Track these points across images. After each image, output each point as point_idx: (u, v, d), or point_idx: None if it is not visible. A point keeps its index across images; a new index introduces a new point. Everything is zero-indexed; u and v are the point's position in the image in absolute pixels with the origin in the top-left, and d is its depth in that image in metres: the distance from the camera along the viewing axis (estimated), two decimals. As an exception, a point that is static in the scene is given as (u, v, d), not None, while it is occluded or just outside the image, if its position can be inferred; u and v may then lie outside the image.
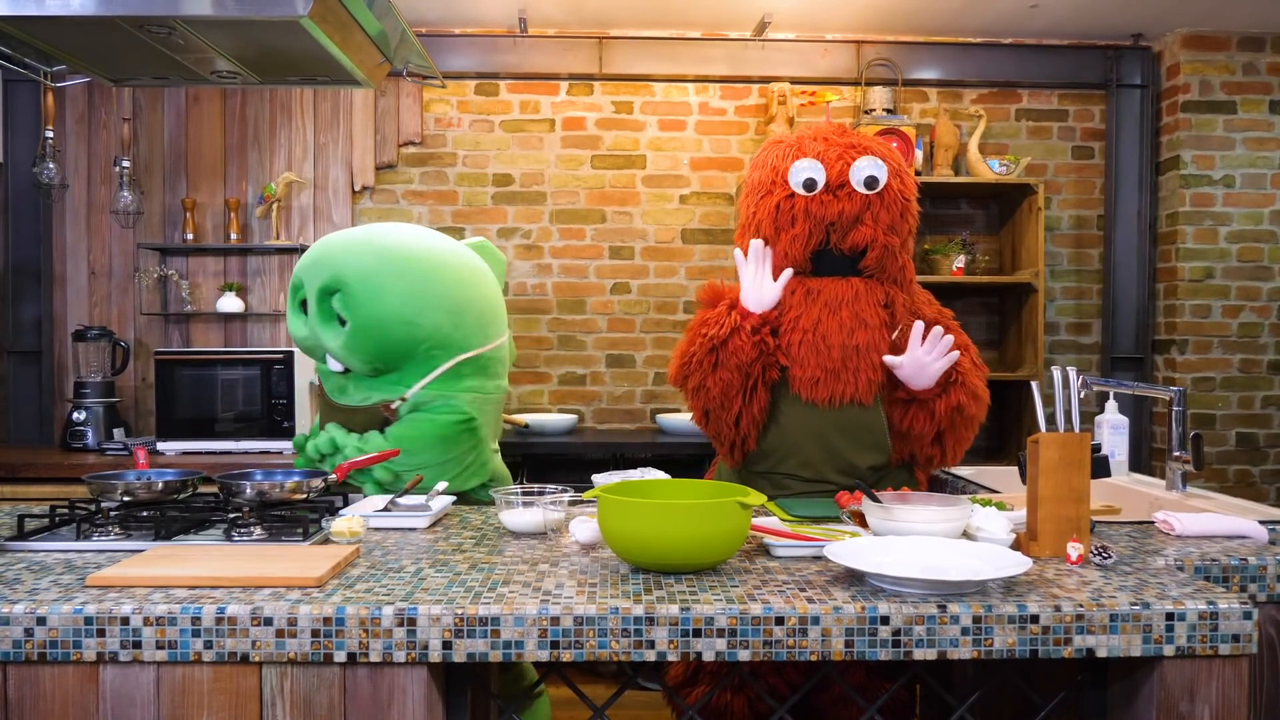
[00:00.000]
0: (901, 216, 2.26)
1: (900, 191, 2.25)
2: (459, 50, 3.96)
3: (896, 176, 2.26)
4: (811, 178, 2.19)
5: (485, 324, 2.44)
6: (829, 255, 2.24)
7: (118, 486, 1.78)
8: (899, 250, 2.26)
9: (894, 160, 2.27)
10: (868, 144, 2.27)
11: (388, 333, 2.28)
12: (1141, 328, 4.08)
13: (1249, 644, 1.31)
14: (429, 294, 2.34)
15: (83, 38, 2.06)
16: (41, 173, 3.54)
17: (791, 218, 2.22)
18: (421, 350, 2.33)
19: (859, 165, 2.20)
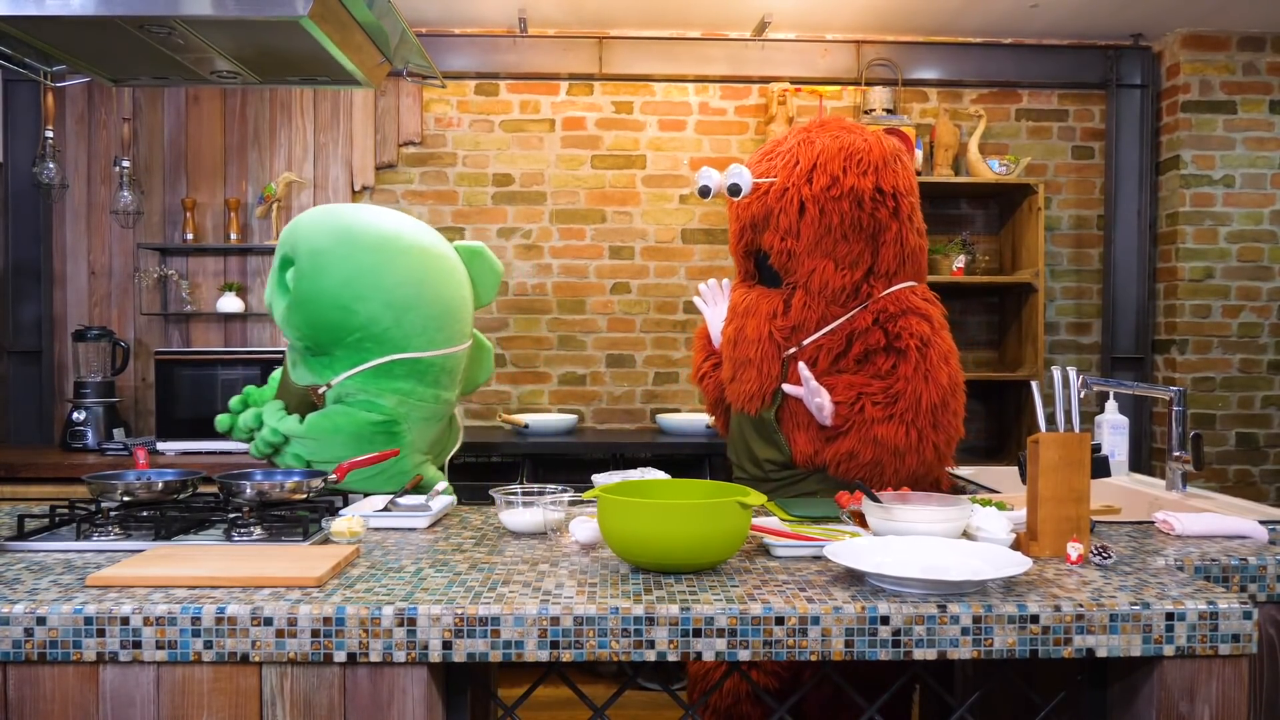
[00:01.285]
0: (805, 218, 2.16)
1: (801, 193, 2.16)
2: (459, 50, 3.96)
3: (804, 179, 2.16)
4: (705, 186, 2.22)
5: (434, 328, 2.31)
6: (759, 259, 2.31)
7: (118, 486, 1.78)
8: (805, 254, 2.17)
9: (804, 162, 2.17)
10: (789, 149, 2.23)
11: (320, 313, 2.22)
12: (1141, 328, 4.09)
13: (1249, 644, 1.31)
14: (373, 283, 2.23)
15: (83, 38, 2.06)
16: (41, 173, 3.54)
17: (731, 217, 2.35)
18: (352, 339, 2.24)
19: (728, 173, 2.19)
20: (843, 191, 2.14)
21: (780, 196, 2.17)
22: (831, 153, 2.17)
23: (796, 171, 2.17)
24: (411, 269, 2.29)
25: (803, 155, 2.18)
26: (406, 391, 2.29)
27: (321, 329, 2.24)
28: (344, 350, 2.26)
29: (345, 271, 2.22)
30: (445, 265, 2.39)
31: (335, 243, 2.25)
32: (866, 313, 2.19)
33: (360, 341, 2.24)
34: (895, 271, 2.22)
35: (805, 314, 2.20)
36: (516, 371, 4.06)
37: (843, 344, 2.19)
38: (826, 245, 2.15)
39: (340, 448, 2.22)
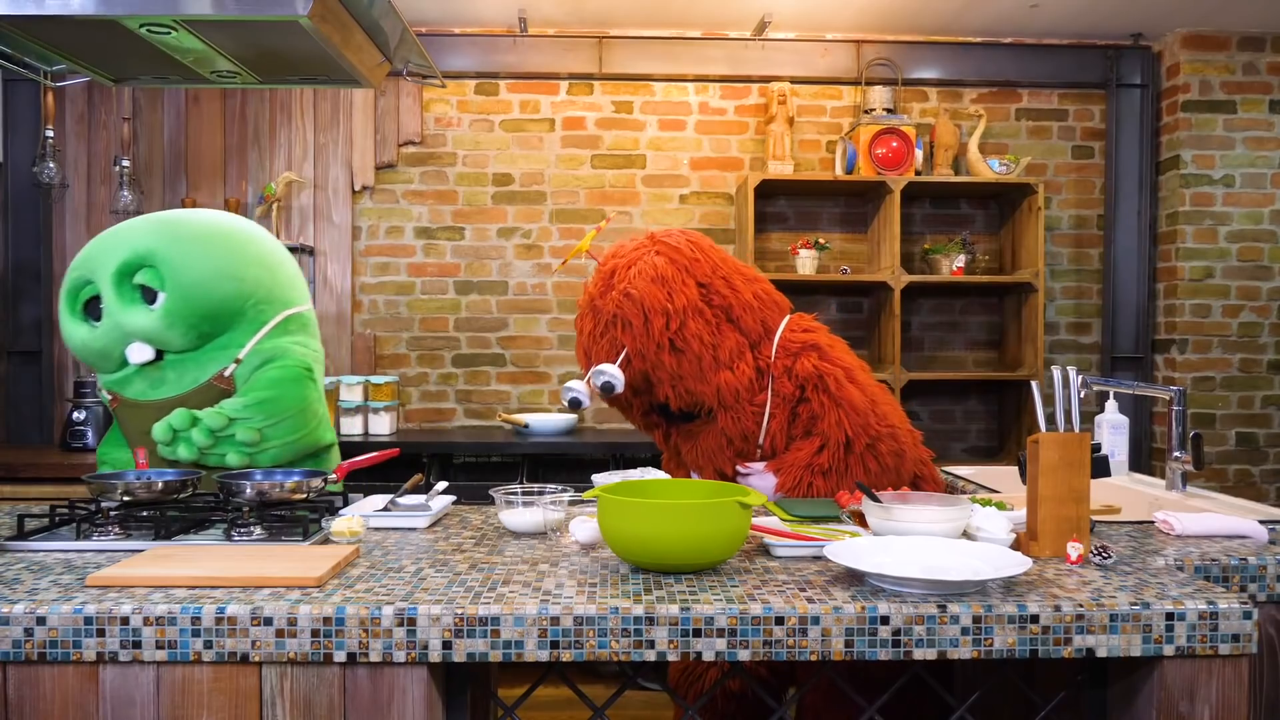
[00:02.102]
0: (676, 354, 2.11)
1: (657, 343, 2.10)
2: (459, 50, 3.96)
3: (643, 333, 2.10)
4: (575, 398, 2.14)
5: (296, 283, 2.43)
6: (663, 410, 2.23)
7: (117, 486, 1.78)
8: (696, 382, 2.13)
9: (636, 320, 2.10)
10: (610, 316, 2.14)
11: (214, 291, 2.22)
12: (1141, 327, 4.08)
13: (1249, 644, 1.31)
14: (243, 252, 2.29)
15: (83, 38, 2.06)
16: (41, 173, 3.54)
17: (612, 398, 2.23)
18: (250, 306, 2.27)
19: (595, 375, 2.11)
20: (683, 316, 2.10)
21: (643, 359, 2.11)
22: (649, 293, 2.10)
23: (635, 331, 2.10)
24: (254, 233, 2.39)
25: (629, 313, 2.10)
26: (303, 343, 2.37)
27: (219, 306, 2.24)
28: (244, 321, 2.28)
29: (217, 248, 2.26)
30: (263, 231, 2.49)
31: (185, 230, 2.28)
32: (780, 379, 2.18)
33: (256, 306, 2.29)
34: (765, 328, 2.21)
35: (742, 424, 2.16)
36: (516, 371, 4.06)
37: (789, 416, 2.17)
38: (709, 362, 2.12)
39: (291, 398, 2.25)
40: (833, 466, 2.11)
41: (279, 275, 2.37)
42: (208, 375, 2.26)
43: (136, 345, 2.24)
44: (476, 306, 4.05)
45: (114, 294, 2.22)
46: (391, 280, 4.03)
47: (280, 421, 2.23)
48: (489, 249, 4.04)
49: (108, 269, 2.23)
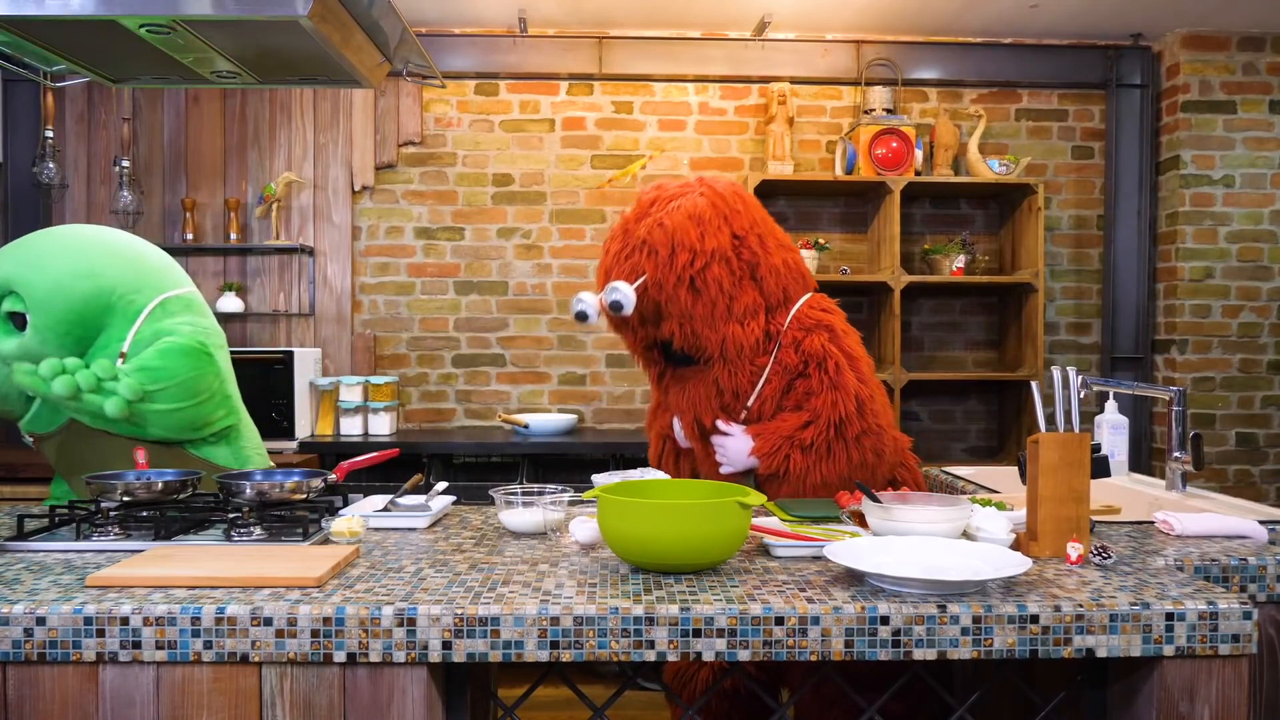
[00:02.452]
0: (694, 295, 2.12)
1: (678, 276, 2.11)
2: (459, 50, 3.96)
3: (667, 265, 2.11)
4: (582, 311, 2.15)
5: (168, 270, 2.40)
6: (664, 347, 2.24)
7: (117, 486, 1.78)
8: (705, 327, 2.14)
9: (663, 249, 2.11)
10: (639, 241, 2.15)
11: (71, 293, 2.20)
12: (1141, 328, 4.08)
13: (1249, 644, 1.31)
14: (93, 250, 2.27)
15: (83, 38, 2.06)
16: (41, 173, 3.54)
17: (617, 324, 2.24)
18: (118, 298, 2.25)
19: (608, 292, 2.13)
20: (708, 259, 2.12)
21: (659, 289, 2.12)
22: (682, 227, 2.12)
23: (659, 260, 2.11)
24: (104, 237, 2.34)
25: (658, 241, 2.12)
26: (193, 322, 2.35)
27: (84, 306, 2.22)
28: (117, 315, 2.26)
29: (67, 253, 2.24)
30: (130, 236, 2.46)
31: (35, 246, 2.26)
32: (786, 349, 2.18)
33: (124, 297, 2.26)
34: (785, 296, 2.22)
35: (736, 380, 2.18)
36: (516, 371, 4.06)
37: (785, 386, 2.17)
38: (721, 311, 2.14)
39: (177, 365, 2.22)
40: (814, 444, 2.10)
41: (142, 265, 2.33)
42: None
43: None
44: (476, 307, 4.05)
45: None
46: (391, 280, 4.03)
47: (166, 389, 2.20)
48: (489, 249, 4.04)
49: None
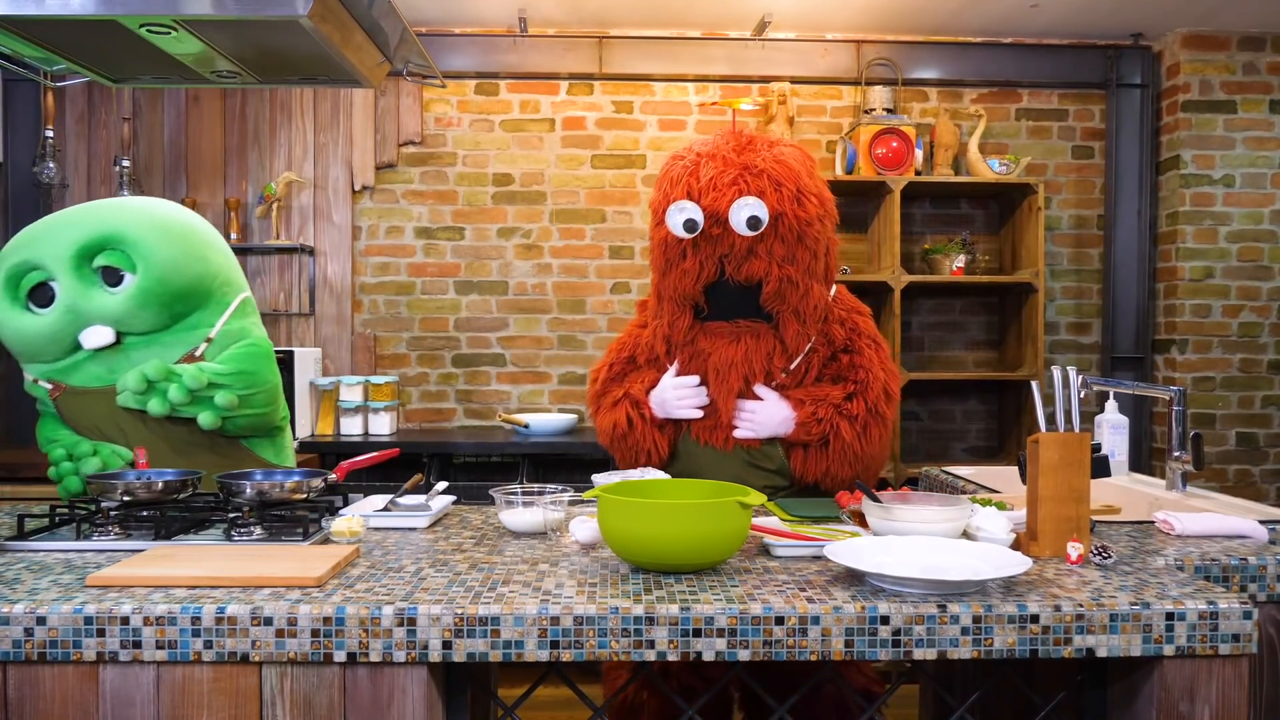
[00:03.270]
0: (800, 242, 2.06)
1: (797, 218, 2.04)
2: (459, 50, 3.96)
3: (794, 201, 2.04)
4: (691, 218, 2.03)
5: (240, 269, 2.49)
6: (725, 287, 2.10)
7: (118, 486, 1.78)
8: (801, 277, 2.07)
9: (788, 185, 2.04)
10: (759, 170, 2.05)
11: (186, 270, 2.24)
12: (1141, 328, 4.09)
13: (1249, 644, 1.31)
14: (200, 235, 2.33)
15: (83, 38, 2.06)
16: (41, 172, 3.54)
17: (681, 252, 2.09)
18: (217, 287, 2.31)
19: (738, 207, 2.01)
20: (824, 212, 2.10)
21: (773, 225, 2.02)
22: (805, 169, 2.08)
23: (784, 194, 2.03)
24: (203, 223, 2.42)
25: (783, 175, 2.04)
26: (260, 327, 2.45)
27: (192, 285, 2.26)
28: (211, 302, 2.31)
29: (179, 231, 2.28)
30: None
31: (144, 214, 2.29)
32: (833, 324, 2.18)
33: (221, 286, 2.33)
34: (830, 277, 2.21)
35: (799, 342, 2.12)
36: (516, 371, 4.06)
37: (825, 360, 2.17)
38: (816, 268, 2.10)
39: (264, 370, 2.31)
40: (859, 417, 2.10)
41: (230, 260, 2.42)
42: (176, 356, 2.24)
43: (95, 329, 2.20)
44: (476, 306, 4.05)
45: (73, 278, 2.18)
46: (391, 280, 4.03)
47: (254, 394, 2.26)
48: (489, 249, 4.05)
49: (62, 253, 2.18)
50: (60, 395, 2.26)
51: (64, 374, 2.26)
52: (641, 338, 2.32)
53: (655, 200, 2.17)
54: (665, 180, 2.15)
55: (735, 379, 2.12)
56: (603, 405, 2.29)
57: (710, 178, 2.06)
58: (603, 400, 2.30)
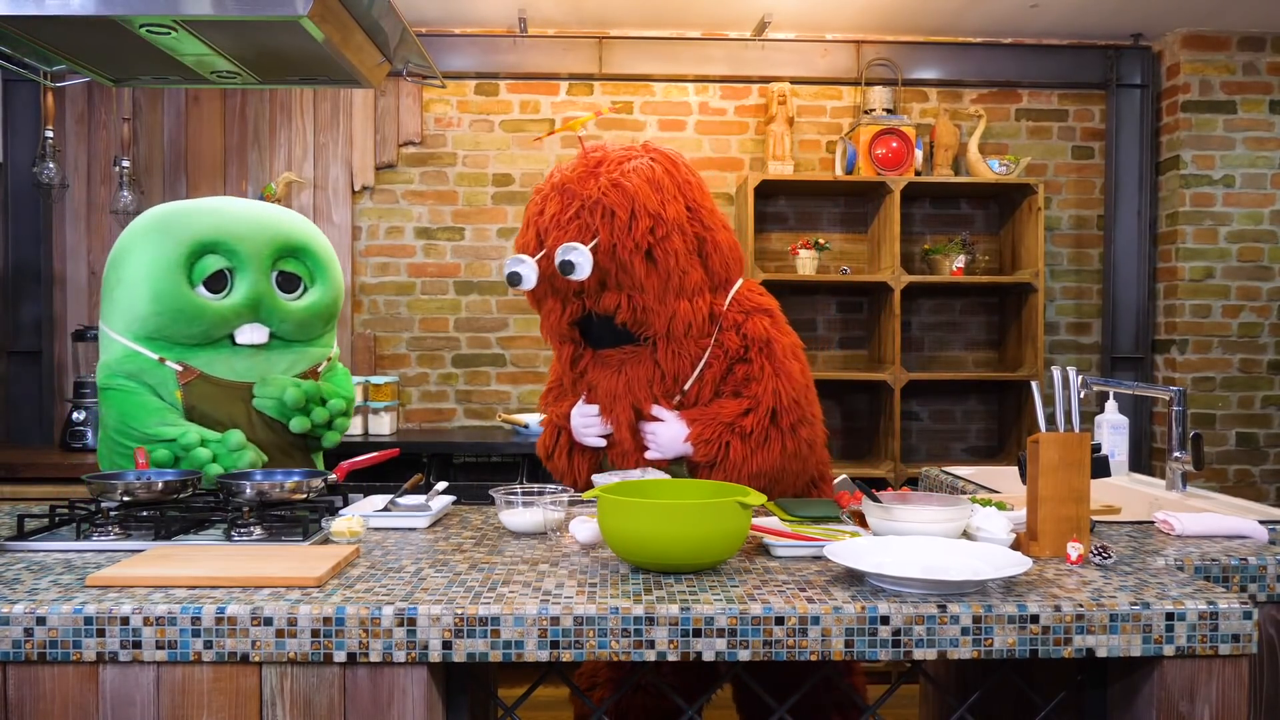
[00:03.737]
0: (649, 266, 1.98)
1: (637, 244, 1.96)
2: (459, 50, 3.96)
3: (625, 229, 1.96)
4: (516, 272, 1.96)
5: None
6: (593, 321, 2.06)
7: (117, 486, 1.78)
8: (655, 302, 2.00)
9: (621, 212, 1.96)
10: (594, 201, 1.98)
11: (341, 292, 2.54)
12: (1141, 328, 4.08)
13: (1249, 644, 1.31)
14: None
15: (83, 38, 2.06)
16: (41, 173, 3.54)
17: (545, 291, 2.05)
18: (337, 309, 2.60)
19: (561, 253, 1.94)
20: (668, 229, 1.99)
21: (611, 256, 1.95)
22: (643, 191, 1.99)
23: (617, 223, 1.95)
24: None
25: (616, 203, 1.96)
26: None
27: (337, 311, 2.54)
28: (335, 322, 2.58)
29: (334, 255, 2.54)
30: None
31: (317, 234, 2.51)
32: (727, 331, 2.09)
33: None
34: (727, 276, 2.14)
35: (678, 362, 2.06)
36: (516, 371, 4.06)
37: (724, 371, 2.08)
38: (674, 286, 2.01)
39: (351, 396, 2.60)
40: (753, 432, 2.01)
41: None
42: (305, 367, 2.41)
43: (253, 327, 2.31)
44: (476, 306, 4.05)
45: (261, 276, 2.31)
46: (391, 280, 4.03)
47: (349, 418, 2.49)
48: (489, 249, 4.04)
49: (259, 252, 2.31)
50: (191, 381, 2.27)
51: (204, 361, 2.28)
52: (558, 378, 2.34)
53: (518, 239, 2.11)
54: (524, 219, 2.12)
55: (622, 408, 2.08)
56: (544, 424, 2.32)
57: (553, 215, 2.01)
58: (544, 421, 2.32)
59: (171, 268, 2.24)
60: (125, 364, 2.27)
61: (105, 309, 2.35)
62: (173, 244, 2.27)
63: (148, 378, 2.26)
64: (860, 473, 3.67)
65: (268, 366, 2.33)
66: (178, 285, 2.24)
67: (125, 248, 2.34)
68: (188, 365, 2.27)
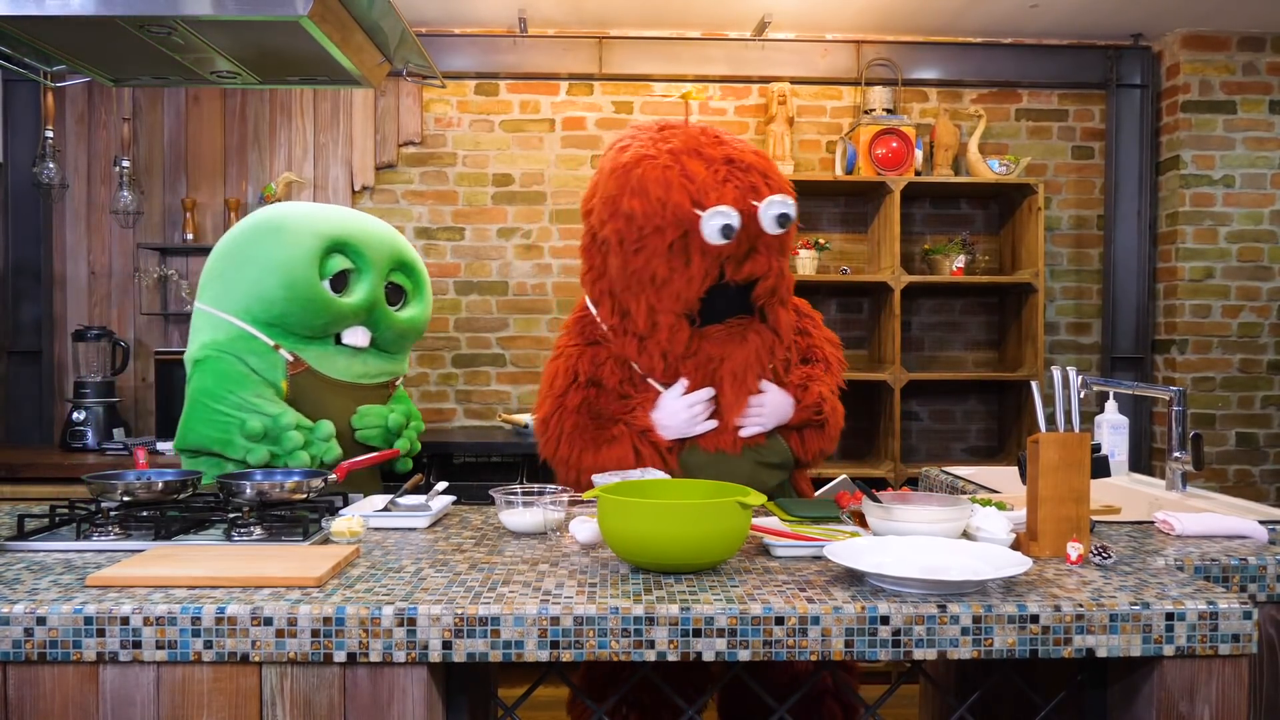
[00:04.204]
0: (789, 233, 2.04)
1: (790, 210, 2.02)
2: (459, 50, 3.96)
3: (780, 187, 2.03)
4: (729, 224, 1.92)
5: None
6: (722, 290, 2.03)
7: (118, 486, 1.78)
8: (787, 268, 2.09)
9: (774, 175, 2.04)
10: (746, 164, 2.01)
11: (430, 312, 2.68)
12: (1141, 328, 4.08)
13: (1249, 644, 1.31)
14: None
15: (83, 38, 2.06)
16: (41, 173, 3.54)
17: (686, 258, 1.98)
18: None
19: (768, 205, 1.95)
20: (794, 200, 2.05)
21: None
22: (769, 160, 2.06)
23: (774, 182, 2.00)
24: None
25: (768, 166, 2.00)
26: None
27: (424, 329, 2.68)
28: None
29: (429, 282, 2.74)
30: None
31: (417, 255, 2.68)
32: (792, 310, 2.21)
33: None
34: None
35: (789, 330, 2.09)
36: (517, 371, 4.06)
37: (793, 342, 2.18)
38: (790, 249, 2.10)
39: None
40: (834, 390, 2.16)
41: None
42: (387, 378, 2.52)
43: (359, 330, 2.43)
44: (476, 306, 4.05)
45: (379, 282, 2.44)
46: (391, 280, 4.03)
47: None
48: (489, 249, 4.05)
49: (380, 260, 2.45)
50: (299, 373, 2.34)
51: (313, 356, 2.36)
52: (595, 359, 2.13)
53: (643, 209, 1.98)
54: (652, 183, 1.98)
55: (752, 379, 2.05)
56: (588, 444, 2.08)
57: (705, 178, 1.97)
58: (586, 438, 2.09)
59: (306, 259, 2.31)
60: (235, 344, 2.30)
61: (214, 292, 2.38)
62: (308, 237, 2.34)
63: (255, 362, 2.30)
64: (860, 473, 3.67)
65: (363, 369, 2.44)
66: (310, 277, 2.31)
67: (251, 238, 2.37)
68: (298, 356, 2.34)
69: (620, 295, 2.09)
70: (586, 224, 2.18)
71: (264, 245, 2.34)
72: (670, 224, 1.96)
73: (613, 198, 2.03)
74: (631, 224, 2.00)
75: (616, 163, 2.06)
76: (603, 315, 2.14)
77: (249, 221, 2.44)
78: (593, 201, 2.14)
